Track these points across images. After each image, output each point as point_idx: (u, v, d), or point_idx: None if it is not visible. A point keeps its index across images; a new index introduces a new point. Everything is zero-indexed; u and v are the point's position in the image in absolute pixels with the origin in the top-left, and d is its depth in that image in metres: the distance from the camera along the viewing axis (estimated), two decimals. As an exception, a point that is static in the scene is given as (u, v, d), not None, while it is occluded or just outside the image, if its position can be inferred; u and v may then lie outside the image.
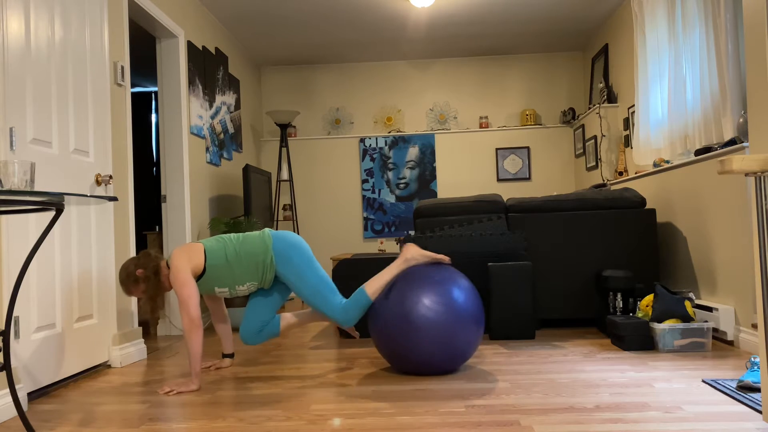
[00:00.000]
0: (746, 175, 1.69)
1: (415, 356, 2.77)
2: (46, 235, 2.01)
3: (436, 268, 2.89)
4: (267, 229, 3.04)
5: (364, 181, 6.93)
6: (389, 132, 7.00)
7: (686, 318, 3.29)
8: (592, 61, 6.47)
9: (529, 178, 6.86)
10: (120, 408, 2.52)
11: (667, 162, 4.29)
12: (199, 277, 2.92)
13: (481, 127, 6.88)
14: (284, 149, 6.92)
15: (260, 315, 3.04)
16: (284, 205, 6.91)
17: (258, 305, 3.05)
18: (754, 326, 3.16)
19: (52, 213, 2.87)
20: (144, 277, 2.87)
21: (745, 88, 3.48)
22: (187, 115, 4.66)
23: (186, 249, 2.89)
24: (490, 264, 3.77)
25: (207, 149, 5.10)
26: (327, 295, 2.93)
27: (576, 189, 6.78)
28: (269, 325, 3.06)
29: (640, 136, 4.69)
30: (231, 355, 3.29)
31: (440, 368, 2.83)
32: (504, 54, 6.94)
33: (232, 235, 3.03)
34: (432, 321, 2.72)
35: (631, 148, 5.34)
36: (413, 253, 2.91)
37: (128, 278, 2.87)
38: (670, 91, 4.22)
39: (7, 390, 2.49)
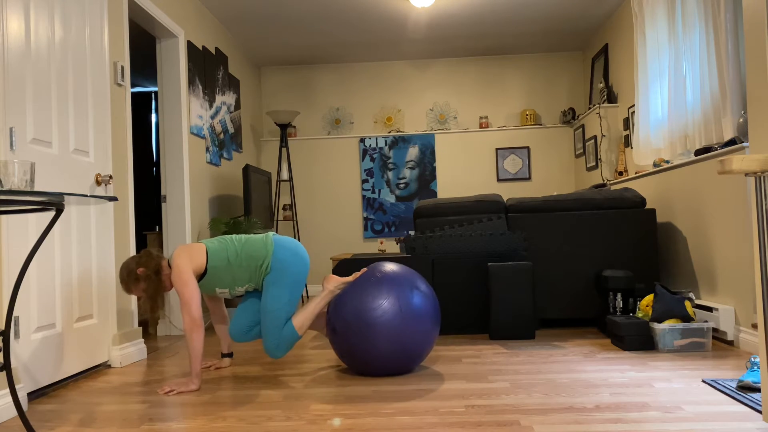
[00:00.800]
0: (746, 175, 1.69)
1: (369, 356, 2.78)
2: (46, 235, 2.01)
3: (391, 270, 2.90)
4: (271, 234, 3.04)
5: (364, 181, 6.93)
6: (389, 132, 7.00)
7: (686, 318, 3.29)
8: (592, 61, 6.48)
9: (529, 178, 6.86)
10: (120, 408, 2.52)
11: (667, 162, 4.29)
12: (200, 278, 2.92)
13: (481, 127, 6.88)
14: (284, 149, 6.92)
15: (250, 315, 3.06)
16: (284, 205, 6.91)
17: (250, 305, 3.07)
18: (754, 326, 3.16)
19: (52, 213, 2.87)
20: (145, 275, 2.86)
21: (745, 88, 3.48)
22: (187, 115, 4.66)
23: (188, 249, 2.89)
24: (490, 264, 3.77)
25: (207, 149, 5.10)
26: (279, 322, 2.89)
27: (576, 189, 6.78)
28: (258, 325, 3.07)
29: (640, 136, 4.69)
30: (230, 355, 3.29)
31: (395, 368, 2.83)
32: (504, 54, 6.94)
33: (234, 236, 3.03)
34: (382, 320, 2.73)
35: (631, 148, 5.34)
36: (335, 284, 2.93)
37: (129, 276, 2.87)
38: (670, 91, 4.22)
39: (7, 390, 2.49)
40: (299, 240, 6.86)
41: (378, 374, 2.87)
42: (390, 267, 2.95)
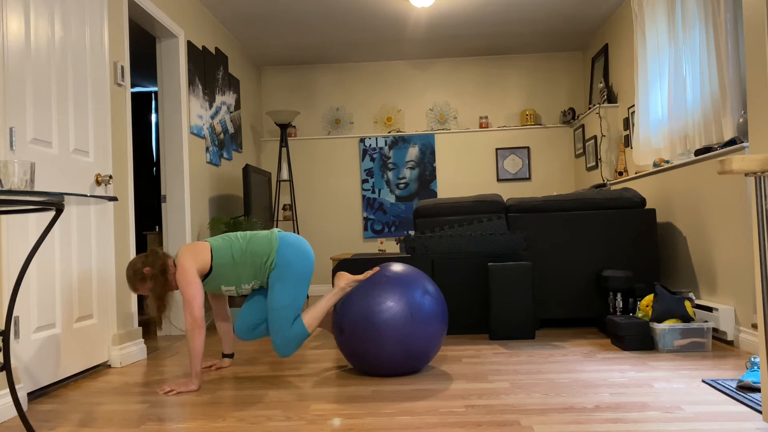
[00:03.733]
0: (746, 175, 1.69)
1: (376, 357, 2.78)
2: (46, 235, 2.01)
3: (401, 271, 2.90)
4: (276, 230, 3.03)
5: (364, 181, 6.93)
6: (389, 132, 7.00)
7: (686, 318, 3.29)
8: (592, 61, 6.47)
9: (529, 178, 6.86)
10: (120, 408, 2.52)
11: (667, 162, 4.29)
12: (205, 276, 2.92)
13: (481, 127, 6.88)
14: (284, 149, 6.91)
15: (256, 313, 3.05)
16: (284, 205, 6.91)
17: (255, 303, 3.06)
18: (754, 326, 3.16)
19: (52, 213, 2.87)
20: (151, 275, 2.86)
21: (745, 88, 3.48)
22: (187, 115, 4.66)
23: (192, 248, 2.89)
24: (490, 264, 3.77)
25: (207, 149, 5.10)
26: (288, 319, 2.87)
27: (576, 189, 6.78)
28: (264, 323, 3.07)
29: (640, 136, 4.69)
30: (231, 355, 3.29)
31: (401, 369, 2.83)
32: (504, 54, 6.94)
33: (239, 233, 3.02)
34: (391, 322, 2.73)
35: (631, 148, 5.34)
36: (347, 281, 2.92)
37: (135, 276, 2.87)
38: (670, 91, 4.22)
39: (7, 390, 2.49)
40: (299, 240, 6.85)
41: (384, 375, 2.87)
42: (399, 268, 2.94)
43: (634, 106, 5.29)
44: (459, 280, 3.99)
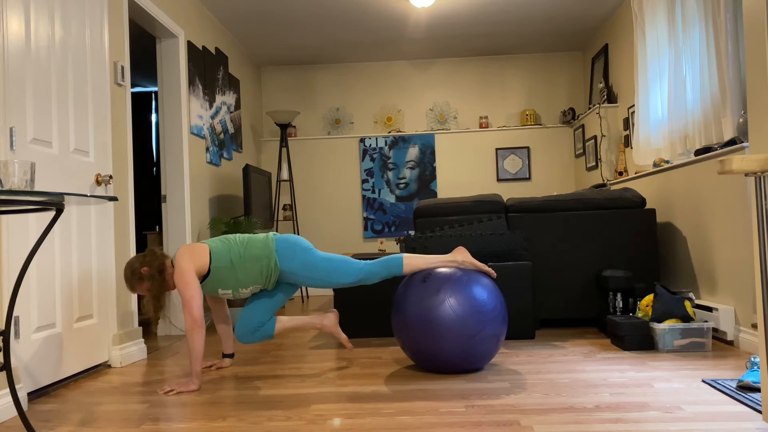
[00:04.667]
0: (746, 175, 1.69)
1: (439, 356, 2.79)
2: (46, 235, 2.01)
3: (459, 268, 2.90)
4: (272, 233, 3.03)
5: (364, 181, 6.93)
6: (389, 132, 7.00)
7: (686, 318, 3.29)
8: (592, 61, 6.48)
9: (529, 178, 6.86)
10: (120, 408, 2.52)
11: (667, 162, 4.29)
12: (203, 278, 2.92)
13: (481, 127, 6.88)
14: (284, 149, 6.92)
15: (257, 315, 3.03)
16: (284, 205, 6.91)
17: (257, 306, 3.05)
18: (754, 326, 3.16)
19: (52, 213, 2.87)
20: (149, 275, 2.86)
21: (745, 88, 3.48)
22: (187, 115, 4.66)
23: (191, 249, 2.89)
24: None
25: (207, 149, 5.10)
26: (341, 266, 2.92)
27: (576, 189, 6.79)
28: (265, 326, 3.05)
29: (640, 136, 4.69)
30: (231, 355, 3.29)
31: (465, 367, 2.85)
32: (504, 54, 6.94)
33: (237, 236, 3.01)
34: (455, 321, 2.73)
35: (631, 148, 5.34)
36: (465, 258, 2.92)
37: (133, 275, 2.87)
38: (670, 91, 4.23)
39: (7, 390, 2.49)
40: (299, 240, 6.84)
41: (445, 372, 2.89)
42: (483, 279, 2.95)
43: (634, 106, 5.29)
44: (459, 280, 3.98)
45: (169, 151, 4.56)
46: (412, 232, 5.08)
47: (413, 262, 2.92)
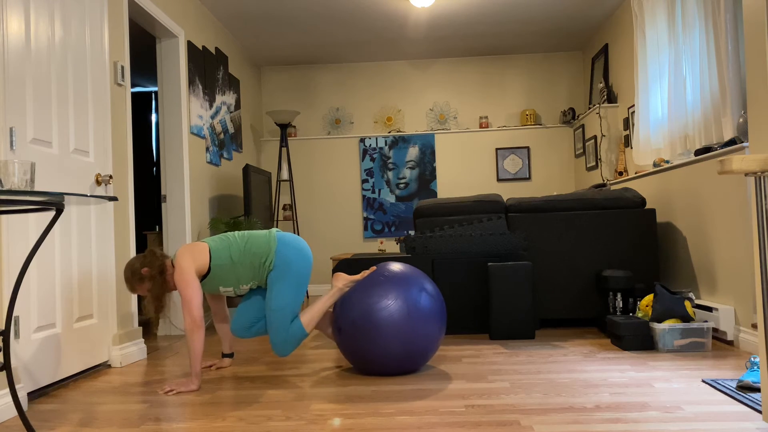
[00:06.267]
0: (746, 175, 1.69)
1: (375, 356, 2.79)
2: (46, 235, 2.01)
3: (399, 270, 2.91)
4: (274, 230, 3.03)
5: (364, 181, 6.93)
6: (389, 132, 7.00)
7: (686, 318, 3.29)
8: (592, 61, 6.48)
9: (529, 178, 6.86)
10: (120, 408, 2.52)
11: (667, 162, 4.29)
12: (203, 277, 2.92)
13: (481, 127, 6.88)
14: (284, 149, 6.92)
15: (253, 311, 3.05)
16: (284, 205, 6.91)
17: (253, 302, 3.07)
18: (754, 326, 3.16)
19: (52, 213, 2.87)
20: (149, 275, 2.86)
21: (745, 88, 3.48)
22: (187, 115, 4.66)
23: (191, 248, 2.89)
24: (490, 264, 3.77)
25: (207, 149, 5.10)
26: (286, 319, 2.88)
27: (576, 189, 6.78)
28: (260, 322, 3.07)
29: (640, 136, 4.69)
30: (231, 355, 3.29)
31: (400, 368, 2.84)
32: (504, 54, 6.94)
33: (237, 233, 3.02)
34: (389, 321, 2.74)
35: (631, 148, 5.34)
36: (344, 281, 2.93)
37: (133, 276, 2.87)
38: (670, 91, 4.22)
39: (7, 390, 2.49)
40: (299, 240, 6.85)
41: (383, 374, 2.88)
42: (397, 267, 2.95)
43: (634, 106, 5.29)
44: (459, 280, 3.99)
45: (169, 151, 4.56)
46: (412, 232, 5.08)
47: (308, 316, 2.91)
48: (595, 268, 4.00)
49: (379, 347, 2.75)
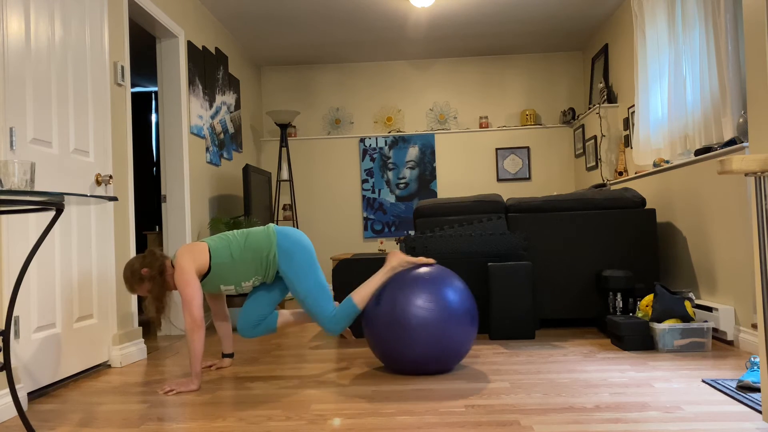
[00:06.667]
0: (746, 175, 1.69)
1: (408, 357, 2.78)
2: (46, 235, 2.01)
3: (427, 268, 2.91)
4: (271, 225, 3.04)
5: (364, 181, 6.93)
6: (389, 132, 7.00)
7: (686, 318, 3.29)
8: (592, 61, 6.47)
9: (529, 178, 6.86)
10: (120, 408, 2.52)
11: (667, 162, 4.29)
12: (204, 276, 2.92)
13: (481, 127, 6.88)
14: (284, 149, 6.92)
15: (259, 309, 3.04)
16: (284, 205, 6.91)
17: (258, 300, 3.06)
18: (754, 326, 3.16)
19: (52, 213, 2.87)
20: (149, 276, 2.86)
21: (745, 88, 3.48)
22: (187, 115, 4.66)
23: (190, 248, 2.89)
24: (490, 264, 3.77)
25: (207, 149, 5.10)
26: (320, 300, 2.91)
27: (576, 189, 6.78)
28: (267, 320, 3.06)
29: (640, 136, 4.69)
30: (231, 355, 3.29)
31: (434, 368, 2.83)
32: (504, 54, 6.94)
33: (236, 231, 3.02)
34: (424, 321, 2.73)
35: (631, 148, 5.34)
36: (399, 261, 2.93)
37: (133, 276, 2.87)
38: (670, 91, 4.22)
39: (7, 390, 2.49)
40: (299, 240, 6.84)
41: (416, 373, 2.88)
42: (433, 267, 2.95)
43: (634, 106, 5.29)
44: (459, 280, 3.99)
45: (169, 151, 4.55)
46: (412, 232, 5.08)
47: (361, 294, 2.92)
48: (595, 268, 4.00)
49: (411, 348, 2.76)
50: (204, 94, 5.09)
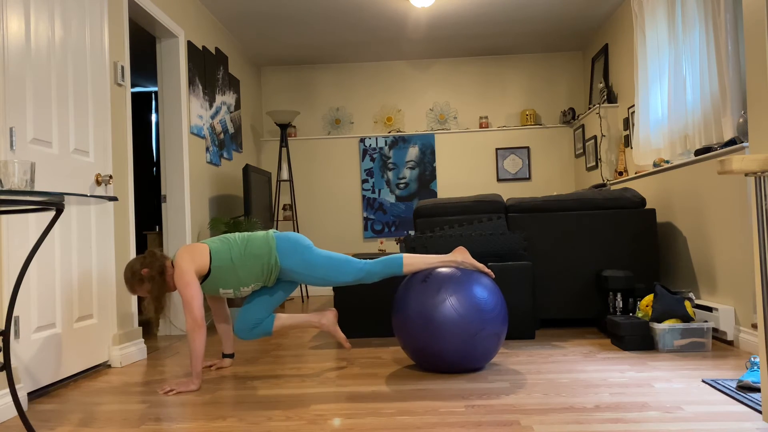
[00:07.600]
0: (746, 175, 1.69)
1: (440, 356, 2.79)
2: (46, 235, 2.01)
3: (459, 269, 2.91)
4: (272, 231, 3.04)
5: (364, 181, 6.93)
6: (389, 132, 7.00)
7: (686, 318, 3.29)
8: (592, 61, 6.48)
9: (529, 178, 6.86)
10: (120, 408, 2.52)
11: (667, 162, 4.29)
12: (203, 278, 2.92)
13: (481, 127, 6.88)
14: (284, 149, 6.92)
15: (256, 312, 3.04)
16: (284, 205, 6.91)
17: (257, 302, 3.06)
18: (754, 326, 3.16)
19: (52, 213, 2.87)
20: (149, 276, 2.86)
21: (745, 88, 3.48)
22: (187, 115, 4.66)
23: (191, 249, 2.89)
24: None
25: (207, 149, 5.10)
26: (341, 265, 2.94)
27: (576, 189, 6.78)
28: (263, 323, 3.06)
29: (640, 136, 4.69)
30: (231, 355, 3.29)
31: (465, 367, 2.85)
32: (504, 54, 6.94)
33: (237, 235, 3.02)
34: (456, 320, 2.73)
35: (631, 148, 5.34)
36: (464, 257, 2.93)
37: (133, 277, 2.87)
38: (670, 91, 4.22)
39: (7, 390, 2.49)
40: (299, 240, 6.84)
41: (446, 371, 2.89)
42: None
43: (634, 106, 5.29)
44: (459, 280, 3.98)
45: (169, 151, 4.56)
46: (412, 232, 5.08)
47: (413, 261, 2.92)
48: (595, 268, 4.00)
49: (445, 347, 2.77)
50: (204, 94, 5.09)
